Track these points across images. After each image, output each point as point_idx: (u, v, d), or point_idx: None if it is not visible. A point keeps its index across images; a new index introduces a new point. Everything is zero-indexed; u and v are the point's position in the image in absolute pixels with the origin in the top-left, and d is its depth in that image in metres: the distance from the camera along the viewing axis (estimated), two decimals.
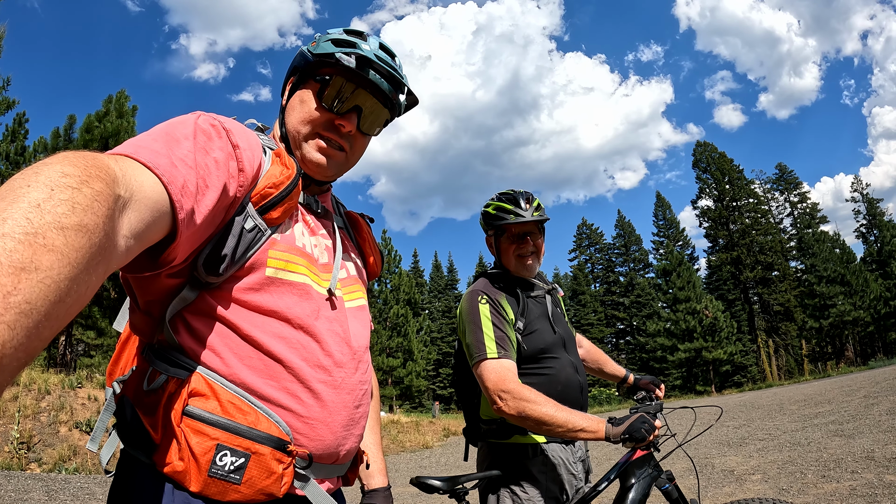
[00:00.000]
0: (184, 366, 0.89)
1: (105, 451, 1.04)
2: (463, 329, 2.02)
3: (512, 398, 1.79)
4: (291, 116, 1.11)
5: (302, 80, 1.13)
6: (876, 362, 29.92)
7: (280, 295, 0.96)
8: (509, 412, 1.79)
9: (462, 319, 2.04)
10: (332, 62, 1.08)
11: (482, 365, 1.89)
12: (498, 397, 1.81)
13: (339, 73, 1.09)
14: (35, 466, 8.94)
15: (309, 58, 1.11)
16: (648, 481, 1.94)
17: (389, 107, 1.15)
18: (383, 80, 1.11)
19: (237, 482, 0.86)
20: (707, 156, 55.01)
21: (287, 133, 1.11)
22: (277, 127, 1.15)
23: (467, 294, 2.09)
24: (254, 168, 0.92)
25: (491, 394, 1.83)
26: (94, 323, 17.65)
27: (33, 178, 0.50)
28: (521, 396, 1.78)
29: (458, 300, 64.81)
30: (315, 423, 0.96)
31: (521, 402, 1.78)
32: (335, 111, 1.08)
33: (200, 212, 0.79)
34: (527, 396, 1.79)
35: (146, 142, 0.76)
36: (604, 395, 37.67)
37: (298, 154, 1.10)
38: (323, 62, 1.09)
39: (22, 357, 0.41)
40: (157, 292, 0.89)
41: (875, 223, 46.80)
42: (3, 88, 17.82)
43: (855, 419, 8.93)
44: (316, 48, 1.11)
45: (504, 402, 1.80)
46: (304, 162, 1.10)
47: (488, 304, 2.01)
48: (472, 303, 2.03)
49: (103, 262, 0.54)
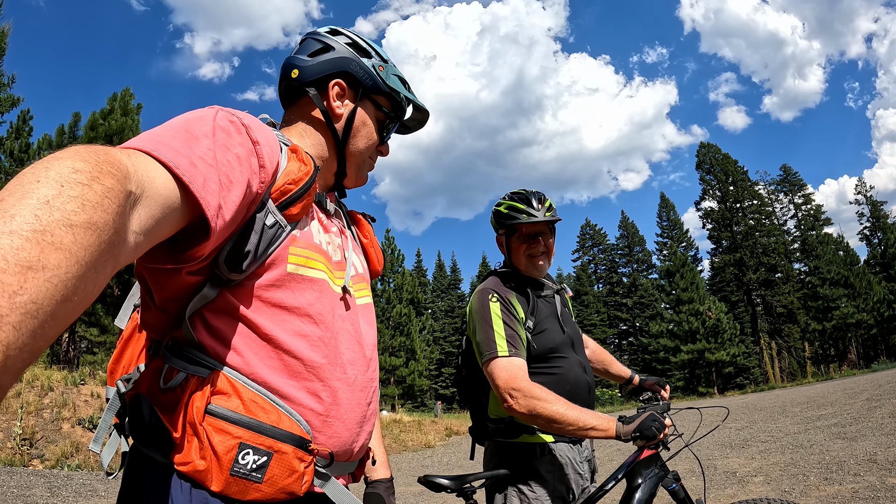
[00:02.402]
0: (204, 364, 0.88)
1: (106, 452, 1.04)
2: (473, 327, 2.01)
3: (523, 396, 1.79)
4: (357, 137, 1.18)
5: (364, 97, 1.18)
6: (879, 365, 29.85)
7: (301, 291, 0.95)
8: (520, 410, 1.80)
9: (472, 317, 2.03)
10: (397, 101, 1.21)
11: (493, 363, 1.89)
12: (508, 395, 1.81)
13: (397, 114, 1.23)
14: (37, 463, 8.97)
15: (379, 84, 1.18)
16: (655, 481, 1.95)
17: None
18: (417, 127, 1.34)
19: (259, 481, 0.85)
20: (711, 157, 54.90)
21: (347, 149, 1.17)
22: (306, 127, 1.16)
23: (478, 292, 2.09)
24: (273, 164, 0.92)
25: (501, 392, 1.84)
26: (97, 320, 17.70)
27: (43, 174, 0.49)
28: (531, 394, 1.79)
29: (460, 300, 64.87)
30: (333, 420, 0.96)
31: (531, 400, 1.78)
32: (382, 140, 1.23)
33: (228, 208, 0.78)
34: (538, 395, 1.79)
35: (165, 138, 0.74)
36: (606, 396, 37.61)
37: (355, 173, 1.21)
38: (391, 97, 1.20)
39: (27, 357, 0.41)
40: (176, 289, 0.88)
41: (879, 225, 46.70)
42: (7, 86, 17.90)
43: (857, 422, 8.90)
44: (387, 78, 1.19)
45: (515, 400, 1.80)
46: (357, 179, 1.22)
47: (499, 302, 2.01)
48: (483, 301, 2.02)
49: (112, 259, 0.53)
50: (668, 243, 54.34)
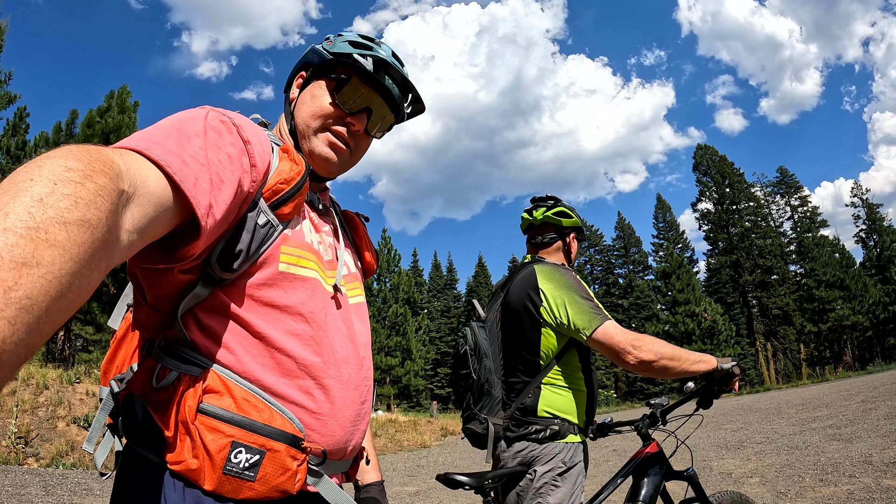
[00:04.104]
0: (196, 363, 0.88)
1: (100, 452, 1.03)
2: (565, 299, 2.04)
3: (645, 345, 1.91)
4: (301, 110, 1.12)
5: (314, 76, 1.14)
6: (874, 367, 29.91)
7: (292, 290, 0.96)
8: (647, 357, 1.90)
9: (562, 289, 2.07)
10: (348, 62, 1.11)
11: (607, 324, 1.96)
12: (632, 347, 1.90)
13: (355, 73, 1.11)
14: (32, 461, 8.93)
15: (325, 55, 1.12)
16: (660, 478, 2.02)
17: (395, 112, 1.19)
18: (395, 86, 1.14)
19: (252, 479, 0.85)
20: (707, 159, 55.03)
21: (296, 126, 1.12)
22: (283, 122, 1.16)
23: (552, 268, 2.16)
24: (265, 164, 0.92)
25: (625, 346, 1.91)
26: (92, 318, 17.65)
27: (36, 172, 0.49)
28: (651, 340, 1.93)
29: (456, 300, 64.90)
30: (326, 419, 0.96)
31: (654, 345, 1.92)
32: (347, 110, 1.10)
33: (219, 207, 0.78)
34: (656, 340, 1.94)
35: (157, 137, 0.74)
36: (602, 397, 37.71)
37: (306, 148, 1.11)
38: (339, 61, 1.12)
39: (22, 353, 0.41)
40: (169, 288, 0.88)
41: (875, 228, 46.82)
42: (4, 83, 17.84)
43: (853, 423, 8.93)
44: (332, 47, 1.13)
45: (639, 349, 1.90)
46: (312, 156, 1.11)
47: None
48: (571, 275, 2.13)
49: (105, 257, 0.53)
50: (664, 245, 54.42)
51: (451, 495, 7.76)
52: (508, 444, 2.06)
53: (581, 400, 2.07)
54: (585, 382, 2.09)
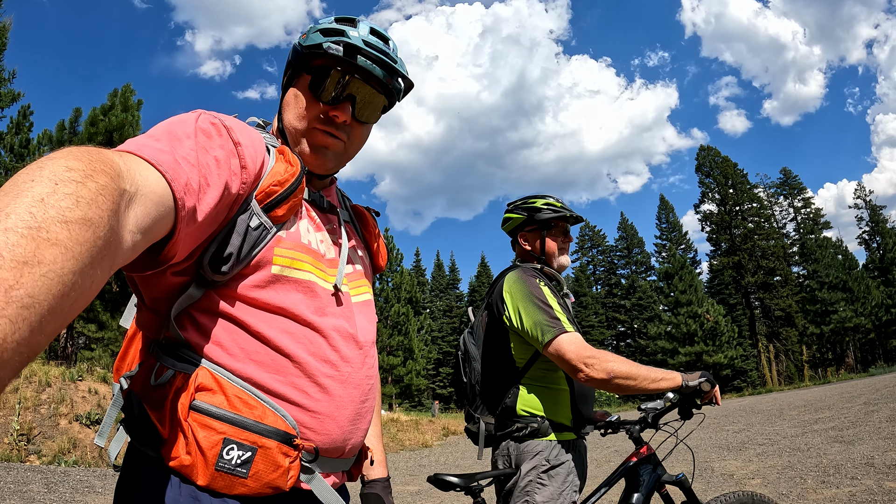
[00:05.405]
0: (191, 361, 0.89)
1: (113, 447, 1.04)
2: (520, 308, 2.01)
3: (598, 362, 1.85)
4: (287, 113, 1.11)
5: (295, 74, 1.12)
6: (876, 369, 29.82)
7: (286, 292, 0.96)
8: (599, 376, 1.84)
9: (518, 299, 2.03)
10: (320, 53, 1.07)
11: (560, 339, 1.90)
12: (584, 365, 1.86)
13: (328, 63, 1.07)
14: (34, 458, 8.96)
15: (300, 51, 1.10)
16: (653, 481, 2.01)
17: (386, 92, 1.13)
18: (375, 66, 1.08)
19: (244, 476, 0.86)
20: (711, 160, 54.90)
21: (284, 130, 1.11)
22: (276, 124, 1.16)
23: (518, 275, 2.10)
24: (257, 165, 0.92)
25: (575, 363, 1.86)
26: (95, 316, 17.66)
27: (37, 173, 0.50)
28: (605, 359, 1.86)
29: (459, 300, 64.93)
30: (322, 417, 0.96)
31: (607, 364, 1.85)
32: (328, 102, 1.07)
33: (202, 210, 0.79)
34: (610, 358, 1.87)
35: (149, 140, 0.76)
36: (603, 397, 37.65)
37: (297, 150, 1.10)
38: (313, 54, 1.08)
39: (24, 352, 0.41)
40: (163, 290, 0.90)
41: (878, 230, 46.73)
42: (8, 81, 17.87)
43: (855, 425, 8.90)
44: (305, 40, 1.10)
45: (591, 367, 1.85)
46: (304, 156, 1.09)
47: (546, 286, 2.06)
48: (532, 282, 2.05)
49: (109, 256, 0.53)
50: (666, 245, 54.34)
51: (453, 495, 7.76)
52: (496, 445, 2.08)
53: (563, 397, 2.05)
54: (567, 380, 2.07)
